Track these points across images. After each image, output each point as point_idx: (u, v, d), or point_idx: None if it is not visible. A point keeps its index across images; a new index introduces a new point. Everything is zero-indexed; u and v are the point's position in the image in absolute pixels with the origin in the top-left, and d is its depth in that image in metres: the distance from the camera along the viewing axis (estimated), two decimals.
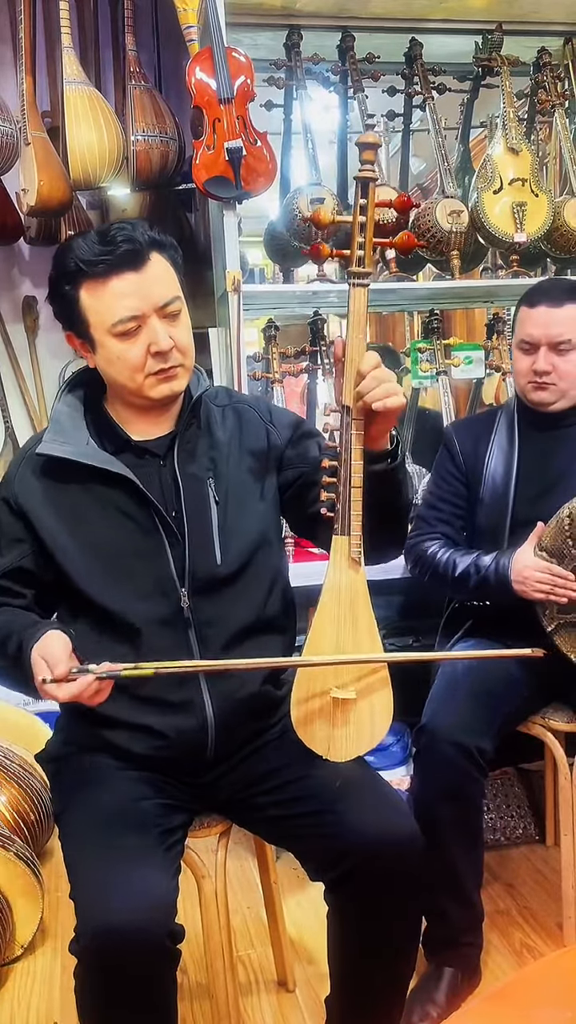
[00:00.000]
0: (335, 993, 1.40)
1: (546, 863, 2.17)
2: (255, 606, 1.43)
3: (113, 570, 1.37)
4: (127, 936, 1.13)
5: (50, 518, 1.38)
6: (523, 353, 1.86)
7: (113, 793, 1.34)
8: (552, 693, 1.85)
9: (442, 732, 1.66)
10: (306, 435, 1.51)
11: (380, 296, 2.71)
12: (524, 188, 2.41)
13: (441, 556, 1.88)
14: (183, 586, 1.37)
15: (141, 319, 1.31)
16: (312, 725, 1.32)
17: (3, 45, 2.79)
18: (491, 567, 1.77)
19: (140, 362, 1.33)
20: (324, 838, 1.31)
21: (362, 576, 1.31)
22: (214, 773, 1.43)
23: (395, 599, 2.53)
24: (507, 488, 1.89)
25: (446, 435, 2.04)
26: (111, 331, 1.32)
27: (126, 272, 1.30)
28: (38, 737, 2.19)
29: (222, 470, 1.43)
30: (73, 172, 2.37)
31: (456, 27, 2.59)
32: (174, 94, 2.77)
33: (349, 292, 1.29)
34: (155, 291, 1.32)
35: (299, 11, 2.45)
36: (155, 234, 1.35)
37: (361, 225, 1.28)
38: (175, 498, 1.39)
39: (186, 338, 1.37)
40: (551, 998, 0.97)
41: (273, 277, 3.50)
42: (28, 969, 1.89)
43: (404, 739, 2.45)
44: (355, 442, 1.28)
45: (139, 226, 1.34)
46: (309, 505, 1.40)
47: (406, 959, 1.37)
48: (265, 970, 1.85)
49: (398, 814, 1.32)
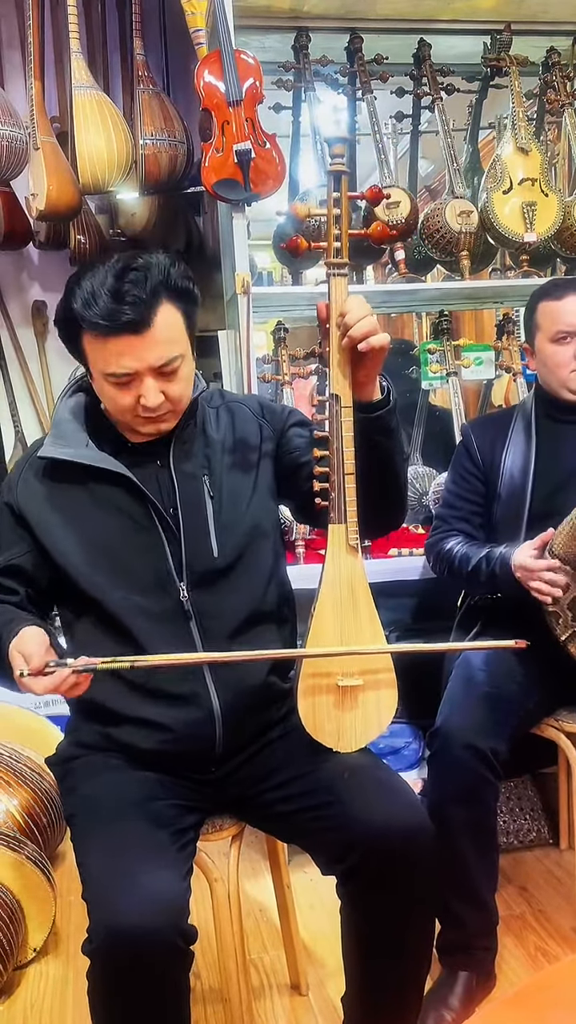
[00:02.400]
0: (351, 991, 1.40)
1: (560, 866, 2.16)
2: (254, 597, 1.45)
3: (113, 567, 1.40)
4: (139, 936, 1.13)
5: (52, 520, 1.41)
6: (559, 344, 1.87)
7: (124, 793, 1.34)
8: (566, 696, 1.84)
9: (456, 735, 1.65)
10: (298, 423, 1.54)
11: (390, 297, 2.70)
12: (534, 188, 2.40)
13: (457, 552, 1.91)
14: (181, 580, 1.40)
15: (135, 376, 1.33)
16: (320, 717, 1.32)
17: (12, 50, 2.80)
18: (496, 560, 1.80)
19: (129, 407, 1.36)
20: (332, 831, 1.31)
21: (360, 563, 1.33)
22: (223, 769, 1.43)
23: (407, 601, 2.52)
24: (524, 483, 1.91)
25: (463, 433, 2.06)
26: (105, 378, 1.34)
27: (126, 335, 1.29)
28: (49, 740, 2.19)
29: (216, 466, 1.46)
30: (82, 177, 2.37)
31: (464, 27, 2.58)
32: (182, 97, 2.78)
33: (328, 282, 1.30)
34: (153, 355, 1.31)
35: (307, 13, 2.45)
36: (173, 280, 1.32)
37: (336, 217, 1.31)
38: (172, 495, 1.42)
39: (179, 391, 1.37)
40: (567, 1002, 0.96)
41: (282, 280, 3.50)
42: (41, 973, 1.89)
43: (417, 741, 2.44)
44: (346, 429, 1.30)
45: (154, 273, 1.29)
46: (308, 490, 1.41)
47: (421, 953, 1.36)
48: (278, 973, 1.85)
49: (406, 804, 1.32)
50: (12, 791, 2.08)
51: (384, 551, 2.37)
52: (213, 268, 2.66)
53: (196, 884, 1.29)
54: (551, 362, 1.89)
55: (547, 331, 1.89)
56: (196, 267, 1.45)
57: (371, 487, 1.35)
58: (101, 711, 1.40)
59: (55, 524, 1.40)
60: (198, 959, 1.23)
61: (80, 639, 1.43)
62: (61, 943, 1.98)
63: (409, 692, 1.35)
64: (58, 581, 1.43)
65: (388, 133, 3.13)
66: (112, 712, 1.39)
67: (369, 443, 1.33)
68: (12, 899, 1.83)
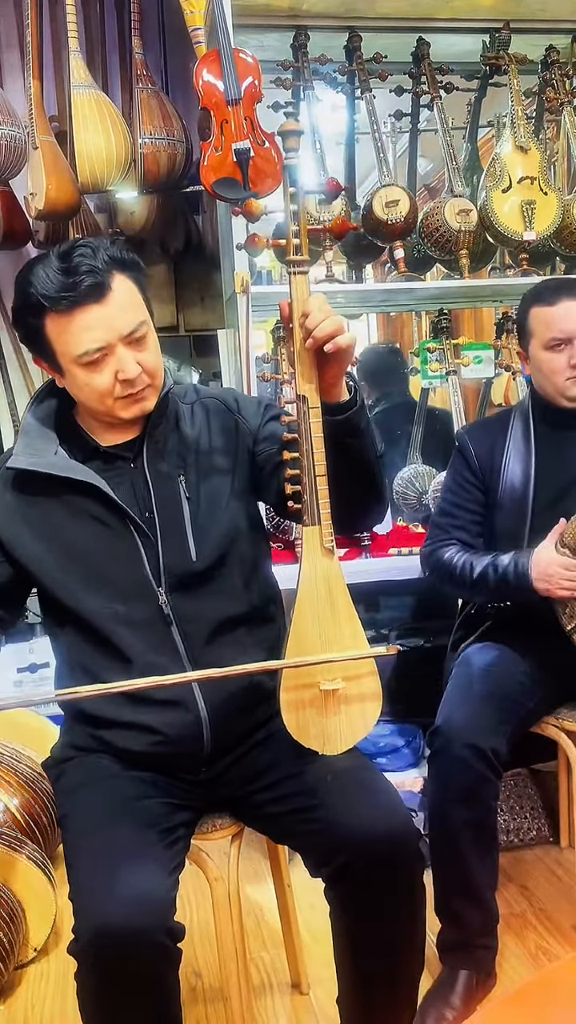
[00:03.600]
0: (343, 992, 1.39)
1: (560, 864, 2.16)
2: (235, 598, 1.43)
3: (90, 576, 1.38)
4: (125, 935, 1.13)
5: (23, 531, 1.39)
6: (553, 351, 1.82)
7: (113, 793, 1.34)
8: (566, 693, 1.84)
9: (456, 734, 1.65)
10: (274, 417, 1.50)
11: (389, 296, 2.70)
12: (533, 186, 2.40)
13: (458, 560, 1.86)
14: (160, 585, 1.38)
15: (107, 349, 1.31)
16: (304, 722, 1.31)
17: (10, 50, 2.80)
18: (510, 566, 1.75)
19: (108, 388, 1.34)
20: (318, 833, 1.31)
21: (336, 564, 1.31)
22: (213, 770, 1.43)
23: (407, 600, 2.53)
24: (526, 490, 1.87)
25: (460, 440, 2.00)
26: (77, 362, 1.32)
27: (90, 305, 1.28)
28: (49, 741, 2.17)
29: (192, 466, 1.44)
30: (81, 176, 2.37)
31: (463, 26, 2.58)
32: (181, 96, 2.78)
33: (289, 280, 1.28)
34: (120, 320, 1.30)
35: (306, 12, 2.44)
36: (117, 252, 1.33)
37: (293, 213, 1.27)
38: (147, 498, 1.40)
39: (153, 360, 1.36)
40: (567, 1001, 0.96)
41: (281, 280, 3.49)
42: (42, 972, 1.89)
43: (415, 741, 2.44)
44: (315, 430, 1.27)
45: (100, 249, 1.31)
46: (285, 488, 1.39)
47: (411, 952, 1.35)
48: (279, 972, 1.85)
49: (388, 805, 1.31)
50: (13, 791, 2.08)
51: (384, 550, 2.37)
52: (212, 267, 2.66)
53: (196, 883, 1.29)
54: (546, 369, 1.85)
55: (541, 337, 1.84)
56: (195, 266, 1.45)
57: (349, 487, 1.32)
58: (91, 717, 1.40)
59: (27, 535, 1.38)
60: (198, 958, 1.22)
61: (66, 648, 1.43)
62: (62, 943, 1.97)
63: (410, 690, 1.34)
64: (37, 593, 1.42)
65: (387, 132, 3.12)
66: (103, 717, 1.39)
67: (341, 445, 1.30)
68: (13, 899, 1.83)
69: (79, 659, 1.40)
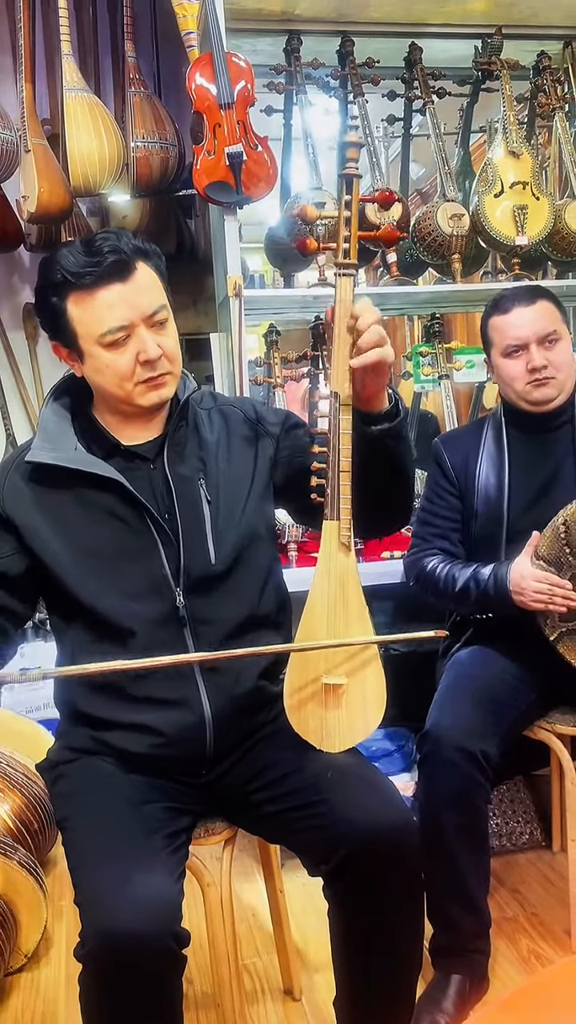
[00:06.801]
0: (342, 994, 1.39)
1: (553, 869, 2.16)
2: (249, 602, 1.44)
3: (105, 573, 1.38)
4: (132, 940, 1.13)
5: (40, 525, 1.38)
6: (511, 358, 1.86)
7: (115, 796, 1.34)
8: (558, 698, 1.84)
9: (447, 737, 1.65)
10: (295, 426, 1.53)
11: (381, 300, 2.70)
12: (525, 191, 2.41)
13: (441, 572, 1.88)
14: (178, 585, 1.39)
15: (129, 328, 1.32)
16: (305, 713, 1.32)
17: (3, 53, 2.79)
18: (489, 580, 1.77)
19: (129, 371, 1.34)
20: (316, 830, 1.31)
21: (352, 560, 1.33)
22: (214, 772, 1.43)
23: (399, 604, 2.52)
24: (500, 497, 1.89)
25: (435, 450, 2.03)
26: (99, 341, 1.33)
27: (113, 283, 1.31)
28: (40, 745, 2.18)
29: (212, 470, 1.45)
30: (73, 179, 2.37)
31: (456, 31, 2.59)
32: (174, 100, 2.78)
33: (336, 281, 1.32)
34: (142, 300, 1.33)
35: (299, 16, 2.45)
36: (139, 243, 1.36)
37: (347, 219, 1.33)
38: (167, 499, 1.41)
39: (173, 346, 1.38)
40: (560, 1005, 0.96)
41: (274, 283, 3.50)
42: (32, 979, 1.88)
43: (407, 745, 2.44)
44: (343, 427, 1.31)
45: (123, 236, 1.35)
46: (308, 493, 1.41)
47: (410, 953, 1.35)
48: (271, 978, 1.84)
49: (390, 802, 1.31)
50: (3, 796, 2.07)
51: (376, 554, 2.37)
52: (205, 271, 2.66)
53: (188, 889, 1.28)
54: (506, 375, 1.89)
55: (499, 346, 1.88)
56: (188, 270, 1.46)
57: (389, 489, 1.38)
58: (90, 717, 1.39)
59: (44, 529, 1.38)
60: (190, 964, 1.22)
61: (71, 646, 1.42)
62: (53, 948, 1.97)
63: (402, 694, 1.35)
64: (43, 585, 1.41)
65: (379, 136, 3.14)
66: (102, 718, 1.38)
67: (385, 450, 1.34)
68: (3, 905, 1.82)
69: (86, 656, 1.38)
